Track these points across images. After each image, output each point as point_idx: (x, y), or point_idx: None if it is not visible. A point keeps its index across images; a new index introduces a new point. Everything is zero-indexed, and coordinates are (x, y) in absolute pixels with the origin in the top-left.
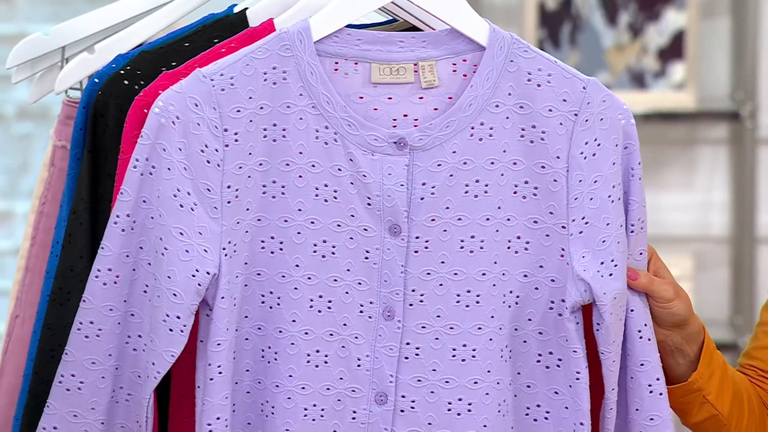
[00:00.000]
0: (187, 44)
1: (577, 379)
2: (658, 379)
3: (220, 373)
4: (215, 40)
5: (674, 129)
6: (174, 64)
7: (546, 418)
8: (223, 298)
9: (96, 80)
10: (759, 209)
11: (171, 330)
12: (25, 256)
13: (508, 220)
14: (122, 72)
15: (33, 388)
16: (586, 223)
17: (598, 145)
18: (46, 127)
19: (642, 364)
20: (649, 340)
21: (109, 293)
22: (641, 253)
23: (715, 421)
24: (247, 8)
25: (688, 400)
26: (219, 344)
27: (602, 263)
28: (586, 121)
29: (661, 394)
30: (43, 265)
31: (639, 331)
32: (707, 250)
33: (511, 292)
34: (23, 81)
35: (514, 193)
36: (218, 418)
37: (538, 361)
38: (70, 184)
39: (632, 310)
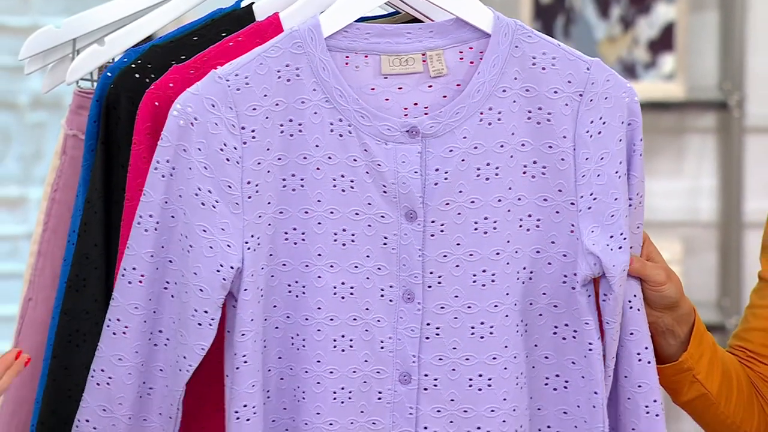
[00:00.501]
0: (195, 38)
1: (590, 349)
2: (646, 348)
3: (245, 362)
4: (223, 34)
5: (664, 118)
6: (183, 57)
7: (565, 387)
8: (246, 290)
9: (108, 74)
10: (746, 195)
11: (200, 324)
12: (37, 241)
13: (519, 199)
14: (133, 66)
15: (52, 371)
16: (595, 198)
17: (603, 123)
18: (58, 116)
19: (632, 333)
20: (639, 310)
21: (135, 292)
22: (638, 227)
23: (705, 399)
24: (253, 2)
25: (679, 379)
26: (243, 334)
27: (611, 237)
28: (591, 100)
29: (649, 362)
30: (55, 250)
31: (629, 301)
32: (696, 234)
33: (524, 268)
34: (36, 72)
35: (524, 173)
36: (245, 406)
37: (555, 333)
38: (84, 174)
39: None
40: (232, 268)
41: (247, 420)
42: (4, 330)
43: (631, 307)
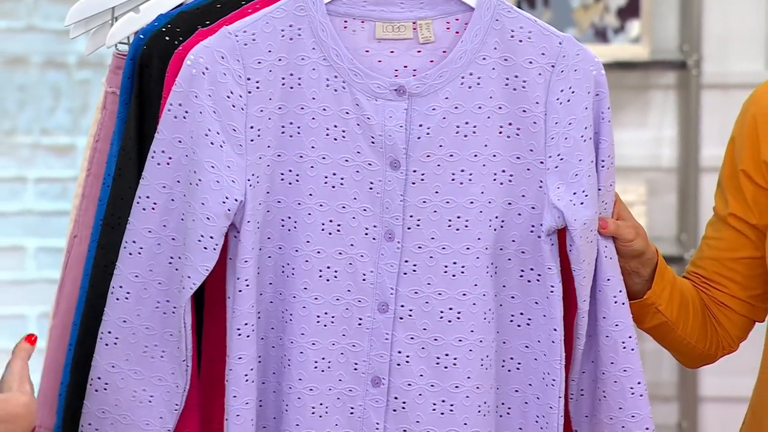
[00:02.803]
0: (219, 5)
1: (552, 291)
2: (620, 291)
3: (247, 285)
4: (242, 2)
5: (631, 76)
6: (208, 22)
7: (528, 324)
8: (248, 221)
9: (141, 36)
10: (702, 144)
11: (205, 248)
12: (81, 185)
13: (494, 156)
14: (163, 29)
15: (89, 298)
16: (561, 159)
17: (572, 92)
18: (102, 74)
19: (608, 279)
20: (611, 258)
21: (148, 217)
22: (611, 185)
23: (665, 326)
24: None
25: (643, 311)
26: (246, 261)
27: (574, 193)
28: (562, 71)
29: (623, 303)
30: (97, 193)
31: (603, 252)
32: (658, 178)
33: (496, 217)
34: (80, 36)
35: (500, 133)
36: (246, 324)
37: (521, 276)
38: (119, 125)
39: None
40: (236, 200)
41: (247, 336)
42: (57, 259)
43: (606, 256)
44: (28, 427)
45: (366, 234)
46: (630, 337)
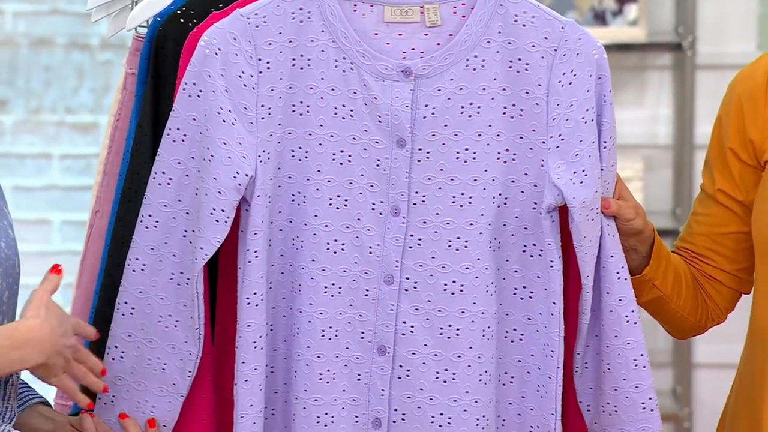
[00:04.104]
0: None
1: (551, 266)
2: (623, 267)
3: (256, 257)
4: None
5: (629, 57)
6: (221, 6)
7: (530, 297)
8: (258, 196)
9: (158, 19)
10: (696, 122)
11: (217, 221)
12: (102, 162)
13: (498, 135)
14: (179, 12)
15: (108, 268)
16: (562, 139)
17: (574, 75)
18: (123, 55)
19: (612, 256)
20: (613, 236)
21: (163, 192)
22: (613, 165)
23: (660, 300)
24: None
25: (640, 287)
26: (255, 233)
27: (574, 173)
28: (564, 55)
29: (626, 279)
30: (117, 170)
31: (606, 230)
32: (655, 155)
33: (500, 194)
34: (102, 19)
35: (503, 113)
36: (255, 293)
37: (524, 251)
38: (137, 103)
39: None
40: (246, 175)
41: (256, 305)
42: (81, 232)
43: (609, 234)
44: (47, 349)
45: (373, 209)
46: (633, 311)
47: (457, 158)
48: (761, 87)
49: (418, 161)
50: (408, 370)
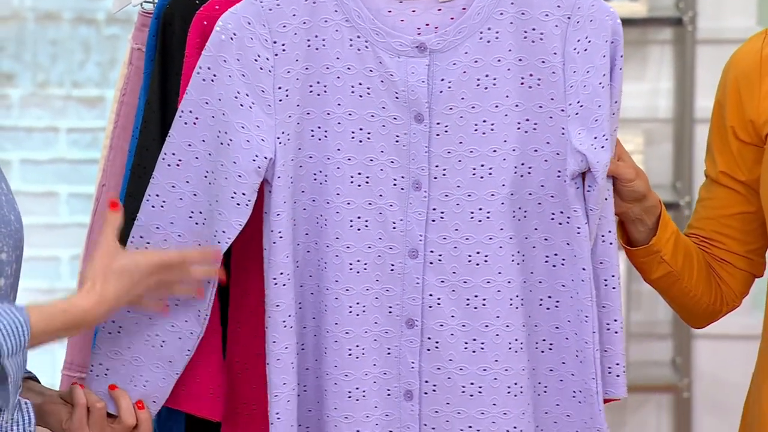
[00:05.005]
0: None
1: (578, 233)
2: (609, 231)
3: (281, 237)
4: None
5: (630, 32)
6: None
7: (562, 264)
8: (279, 177)
9: None
10: (697, 96)
11: (238, 204)
12: (109, 136)
13: (516, 106)
14: None
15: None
16: (581, 105)
17: (589, 41)
18: (129, 30)
19: (599, 219)
20: (606, 200)
21: (172, 173)
22: (615, 130)
23: (670, 276)
24: None
25: (648, 260)
26: (278, 214)
27: (595, 138)
28: (578, 22)
29: (611, 243)
30: (123, 144)
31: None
32: (655, 128)
33: (522, 164)
34: None
35: (521, 84)
36: (281, 273)
37: (552, 219)
38: (145, 80)
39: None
40: (266, 158)
41: (284, 285)
42: (88, 205)
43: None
44: (105, 317)
45: (394, 185)
46: (613, 276)
47: (476, 130)
48: (755, 67)
49: (437, 135)
50: (437, 342)
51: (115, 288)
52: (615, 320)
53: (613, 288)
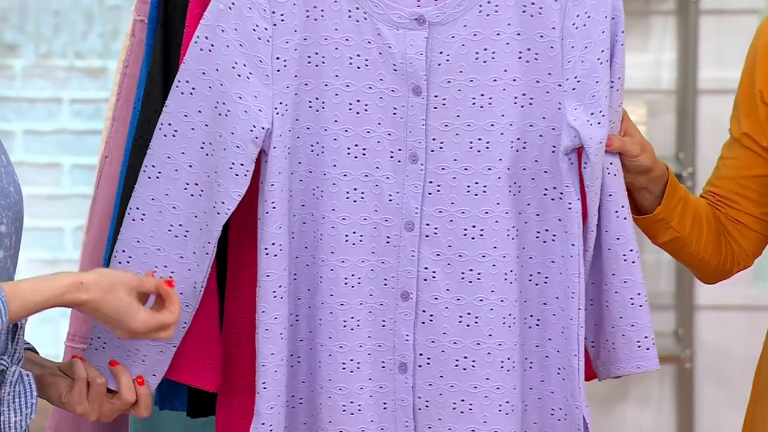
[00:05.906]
0: None
1: (569, 208)
2: (623, 206)
3: (274, 207)
4: None
5: (633, 3)
6: None
7: (553, 240)
8: (275, 148)
9: None
10: (699, 67)
11: (237, 175)
12: (111, 108)
13: (514, 80)
14: None
15: (119, 214)
16: (578, 81)
17: (588, 17)
18: (131, 2)
19: (610, 195)
20: (615, 175)
21: (168, 144)
22: (620, 105)
23: (678, 241)
24: None
25: (655, 226)
26: (272, 185)
27: (592, 114)
28: None
29: (625, 218)
30: (126, 116)
31: (607, 168)
32: (658, 99)
33: (518, 139)
34: None
35: (519, 58)
36: (273, 244)
37: (545, 194)
38: (147, 52)
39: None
40: (263, 128)
41: (275, 255)
42: (91, 176)
43: (608, 173)
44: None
45: (391, 157)
46: (631, 250)
47: (473, 104)
48: None
49: (435, 108)
50: (431, 315)
51: (93, 277)
52: (638, 294)
53: (633, 262)
